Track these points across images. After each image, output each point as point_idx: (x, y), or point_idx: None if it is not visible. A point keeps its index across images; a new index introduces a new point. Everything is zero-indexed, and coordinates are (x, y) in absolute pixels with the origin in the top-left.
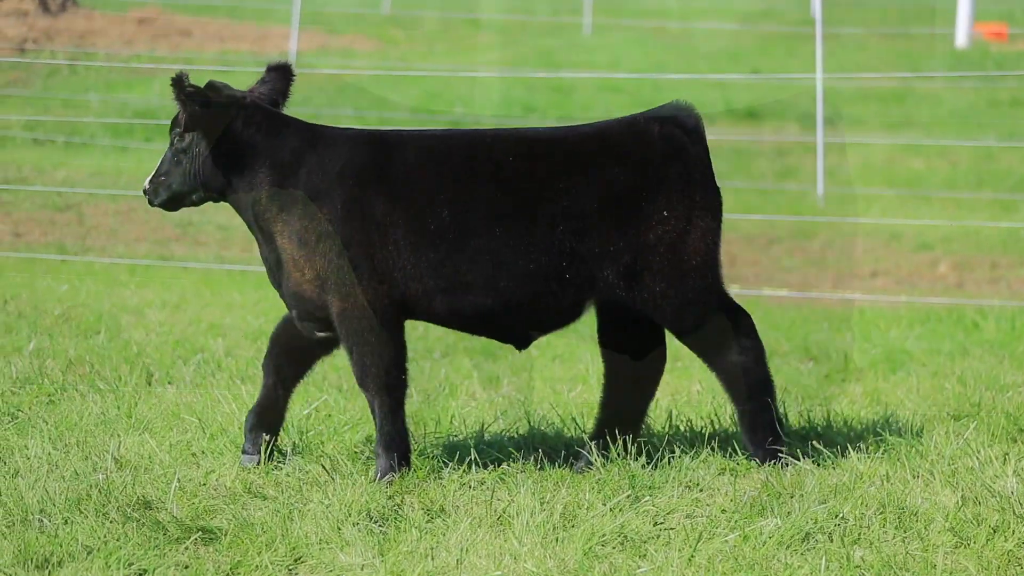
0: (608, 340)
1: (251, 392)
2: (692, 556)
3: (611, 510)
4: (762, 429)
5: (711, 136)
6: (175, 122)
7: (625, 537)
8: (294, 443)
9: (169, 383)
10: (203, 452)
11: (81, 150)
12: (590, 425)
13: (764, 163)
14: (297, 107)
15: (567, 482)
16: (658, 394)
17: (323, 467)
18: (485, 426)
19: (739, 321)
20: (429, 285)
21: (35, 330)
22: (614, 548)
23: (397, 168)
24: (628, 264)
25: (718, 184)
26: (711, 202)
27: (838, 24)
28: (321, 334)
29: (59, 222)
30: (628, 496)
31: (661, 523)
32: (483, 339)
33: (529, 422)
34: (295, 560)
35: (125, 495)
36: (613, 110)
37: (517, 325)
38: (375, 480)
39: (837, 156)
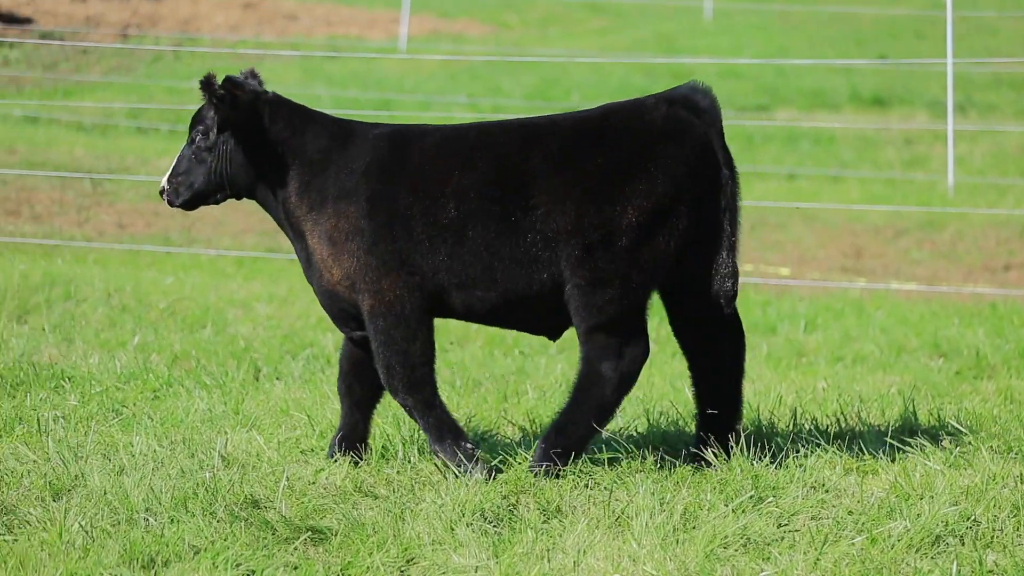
0: (681, 331)
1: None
2: (817, 559)
3: (733, 511)
4: (563, 437)
5: (838, 123)
6: (196, 119)
7: (748, 539)
8: (405, 441)
9: (277, 379)
10: (312, 450)
11: (185, 138)
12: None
13: (891, 152)
14: (408, 94)
15: (688, 482)
16: (782, 391)
17: (436, 465)
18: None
19: (638, 344)
20: (444, 281)
21: (140, 324)
22: (736, 550)
23: (415, 163)
24: (590, 244)
25: (732, 170)
26: (703, 194)
27: (970, 7)
28: (358, 333)
29: (163, 213)
30: (751, 497)
31: (785, 525)
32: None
33: (648, 419)
34: (407, 561)
35: (232, 494)
36: (735, 96)
37: (532, 315)
38: (460, 476)
39: (968, 144)
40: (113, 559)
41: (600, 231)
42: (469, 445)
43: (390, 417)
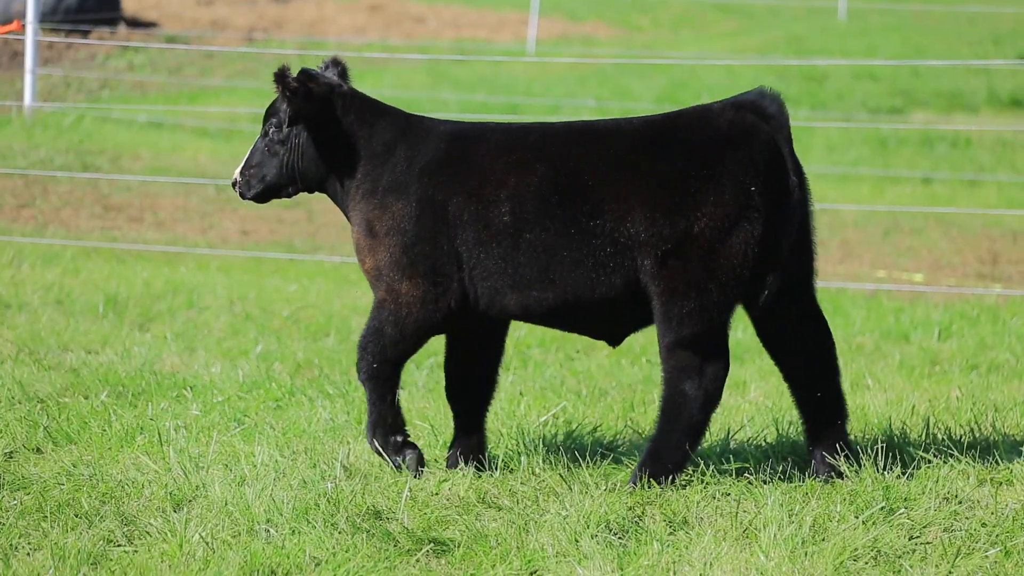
0: (769, 340)
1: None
2: (950, 572)
3: (863, 523)
4: (660, 464)
5: (975, 126)
6: (271, 111)
7: (878, 552)
8: (528, 451)
9: (401, 388)
10: (435, 460)
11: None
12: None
13: None
14: (536, 98)
15: (817, 493)
16: (915, 400)
17: (560, 476)
18: (731, 434)
19: (719, 360)
20: (498, 283)
21: (263, 332)
22: (866, 563)
23: (473, 164)
24: (664, 253)
25: (801, 176)
26: (775, 201)
27: None
28: None
29: (287, 220)
30: (882, 508)
31: (917, 537)
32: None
33: (777, 429)
34: (531, 573)
35: (354, 505)
36: (869, 99)
37: (590, 319)
38: (389, 466)
39: None
40: (233, 571)
41: (671, 240)
42: (399, 438)
43: (514, 428)
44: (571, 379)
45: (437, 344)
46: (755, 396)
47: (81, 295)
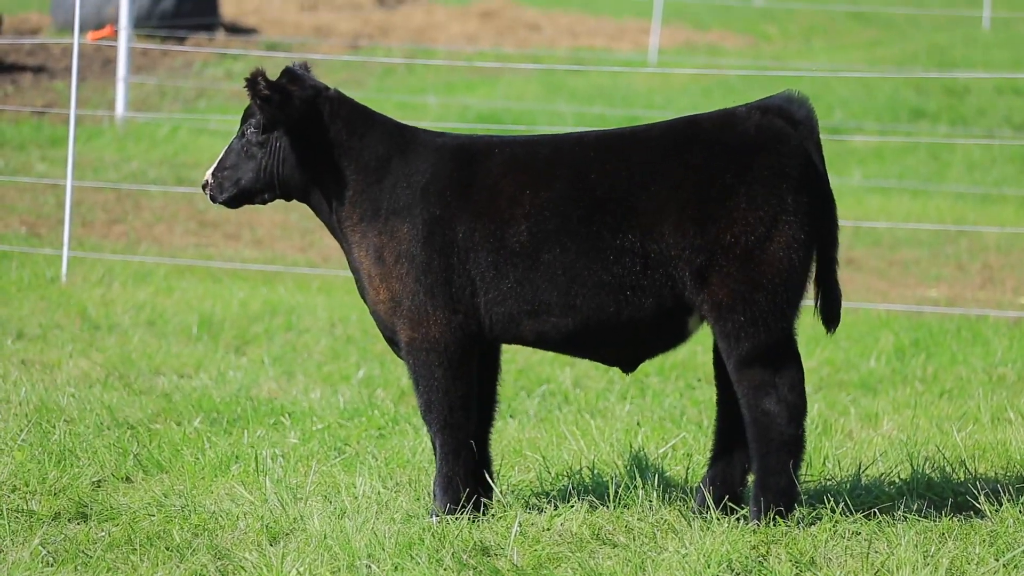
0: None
1: (600, 427)
2: None
3: (1004, 566)
4: (771, 492)
5: None
6: (250, 112)
7: None
8: (646, 484)
9: (511, 416)
10: (547, 493)
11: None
12: (981, 469)
13: None
14: (658, 110)
15: (954, 534)
16: None
17: (679, 511)
18: (862, 469)
19: (790, 368)
20: (513, 309)
21: (365, 357)
22: None
23: (480, 181)
24: (701, 266)
25: (827, 186)
26: (810, 205)
27: None
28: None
29: None
30: None
31: None
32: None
33: (912, 464)
34: None
35: (461, 540)
36: (1013, 114)
37: (610, 345)
38: (429, 518)
39: None
40: None
41: (704, 252)
42: (460, 506)
43: (630, 459)
44: (691, 409)
45: (549, 372)
46: (888, 429)
47: (174, 316)
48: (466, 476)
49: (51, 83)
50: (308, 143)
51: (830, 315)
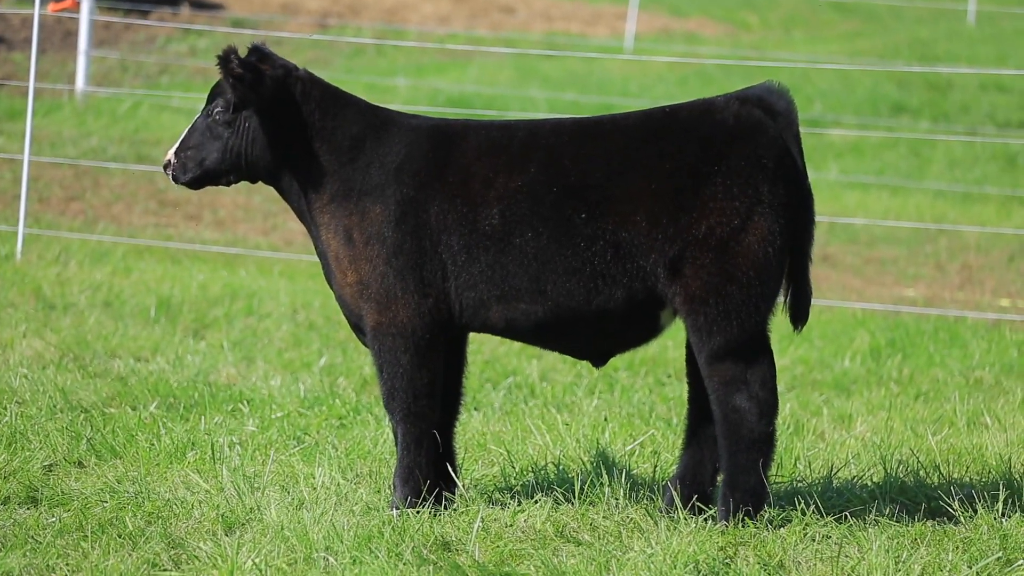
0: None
1: (568, 422)
2: None
3: (977, 573)
4: (740, 491)
5: None
6: (217, 90)
7: None
8: (612, 482)
9: (475, 409)
10: (511, 488)
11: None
12: (956, 474)
13: None
14: (633, 98)
15: (927, 539)
16: None
17: (646, 510)
18: (834, 471)
19: (762, 365)
20: (484, 294)
21: (327, 344)
22: None
23: (455, 163)
24: (674, 257)
25: (806, 180)
26: (786, 198)
27: None
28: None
29: None
30: (998, 559)
31: None
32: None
33: (885, 468)
34: None
35: (421, 534)
36: (996, 111)
37: (580, 336)
38: (389, 511)
39: None
40: None
41: (677, 242)
42: (422, 498)
43: (597, 456)
44: (661, 405)
45: (516, 363)
46: (861, 431)
47: (131, 297)
48: (428, 467)
49: (9, 54)
50: (279, 123)
51: (798, 312)
